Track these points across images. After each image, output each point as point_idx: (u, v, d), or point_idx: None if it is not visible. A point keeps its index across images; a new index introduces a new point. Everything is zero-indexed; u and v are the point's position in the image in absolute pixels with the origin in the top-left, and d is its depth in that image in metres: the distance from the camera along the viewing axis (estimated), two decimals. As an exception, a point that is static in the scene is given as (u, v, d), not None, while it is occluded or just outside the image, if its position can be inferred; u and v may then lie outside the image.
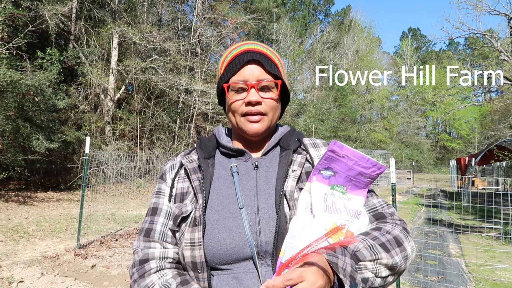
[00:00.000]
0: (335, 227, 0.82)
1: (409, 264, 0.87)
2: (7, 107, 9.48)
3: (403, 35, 58.48)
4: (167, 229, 0.95)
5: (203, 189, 0.92)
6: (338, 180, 0.90)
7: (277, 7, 27.22)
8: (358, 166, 0.88)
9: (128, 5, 16.97)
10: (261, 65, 0.95)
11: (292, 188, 0.90)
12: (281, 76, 0.97)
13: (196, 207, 0.91)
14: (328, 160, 0.88)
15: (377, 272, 0.78)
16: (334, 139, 0.86)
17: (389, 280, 0.82)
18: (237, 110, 0.96)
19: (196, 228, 0.88)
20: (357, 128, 35.24)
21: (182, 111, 18.19)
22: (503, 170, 20.73)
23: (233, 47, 1.02)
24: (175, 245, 0.94)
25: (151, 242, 0.93)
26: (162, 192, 1.00)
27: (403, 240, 0.85)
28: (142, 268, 0.89)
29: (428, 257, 5.91)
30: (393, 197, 3.75)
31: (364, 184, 0.92)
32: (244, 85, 0.94)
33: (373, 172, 0.90)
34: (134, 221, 7.90)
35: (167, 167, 1.04)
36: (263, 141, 1.03)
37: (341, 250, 0.76)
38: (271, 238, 0.85)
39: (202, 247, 0.86)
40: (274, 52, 1.03)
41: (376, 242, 0.81)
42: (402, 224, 0.91)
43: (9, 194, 10.67)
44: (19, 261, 4.82)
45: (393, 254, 0.81)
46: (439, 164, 45.87)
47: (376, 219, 0.92)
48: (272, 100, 0.96)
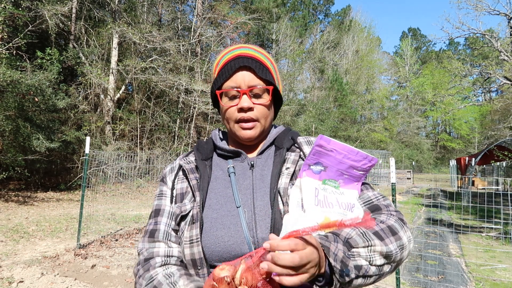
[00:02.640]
0: (327, 221, 0.83)
1: (407, 254, 0.87)
2: (7, 107, 9.48)
3: (403, 35, 58.49)
4: (171, 229, 0.97)
5: (201, 188, 0.95)
6: (329, 175, 0.90)
7: (277, 7, 27.21)
8: (348, 159, 0.88)
9: (128, 5, 16.97)
10: (253, 71, 0.97)
11: (286, 185, 0.92)
12: (273, 80, 0.99)
13: (194, 205, 0.94)
14: (316, 155, 0.89)
15: (371, 259, 0.78)
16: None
17: (385, 269, 0.81)
18: (230, 116, 0.98)
19: (194, 226, 0.91)
20: (357, 128, 35.25)
21: (182, 111, 18.19)
22: (503, 170, 20.73)
23: (226, 51, 1.03)
24: (179, 245, 0.96)
25: (156, 242, 0.95)
26: (164, 194, 1.03)
27: (398, 229, 0.85)
28: (147, 263, 0.92)
29: (428, 257, 5.91)
30: (393, 197, 3.75)
31: (357, 177, 0.92)
32: (236, 92, 0.96)
33: (365, 165, 0.90)
34: (134, 221, 7.90)
35: (167, 170, 1.08)
36: (258, 142, 1.06)
37: (333, 236, 0.77)
38: (267, 234, 0.87)
39: (200, 243, 0.88)
40: (267, 55, 1.04)
41: (369, 230, 0.81)
42: (398, 215, 0.91)
43: (9, 194, 10.67)
44: (19, 261, 4.82)
45: (387, 242, 0.81)
46: (439, 164, 45.88)
47: (372, 211, 0.93)
48: (263, 106, 0.98)
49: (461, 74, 16.13)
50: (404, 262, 0.90)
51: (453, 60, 20.85)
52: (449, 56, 27.91)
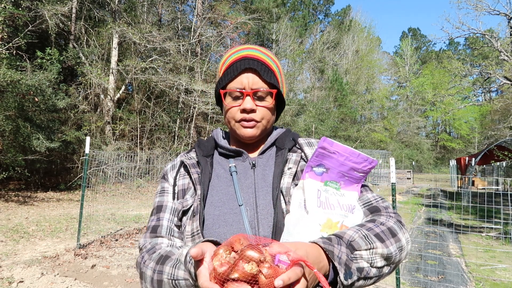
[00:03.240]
0: (329, 223, 0.84)
1: (405, 255, 0.88)
2: (7, 107, 9.47)
3: (403, 35, 58.49)
4: (173, 225, 0.97)
5: (202, 182, 0.96)
6: (331, 176, 0.92)
7: (277, 7, 27.22)
8: (350, 161, 0.90)
9: (128, 5, 16.97)
10: (258, 74, 0.97)
11: (288, 184, 0.94)
12: (277, 84, 1.00)
13: (195, 199, 0.95)
14: (319, 157, 0.91)
15: (372, 262, 0.79)
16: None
17: (384, 271, 0.83)
18: (233, 116, 0.99)
19: (194, 219, 0.92)
20: (357, 128, 35.25)
21: (182, 111, 18.19)
22: (503, 170, 20.73)
23: (233, 51, 1.04)
24: (182, 240, 0.96)
25: (159, 237, 0.95)
26: (166, 190, 1.04)
27: (397, 231, 0.86)
28: (152, 249, 0.91)
29: (428, 257, 5.91)
30: (393, 197, 3.75)
31: (357, 179, 0.94)
32: (240, 93, 0.97)
33: (365, 167, 0.92)
34: (134, 221, 7.90)
35: (168, 167, 1.08)
36: (259, 142, 1.07)
37: (336, 239, 0.78)
38: (269, 232, 0.88)
39: (201, 236, 0.89)
40: (272, 57, 1.05)
41: (370, 233, 0.82)
42: (397, 216, 0.93)
43: (9, 194, 10.67)
44: (19, 261, 4.82)
45: (387, 244, 0.82)
46: (439, 164, 45.88)
47: (371, 212, 0.95)
48: (266, 108, 0.99)
49: (461, 74, 16.14)
50: (403, 262, 0.90)
51: (453, 60, 20.86)
52: (449, 56, 27.91)
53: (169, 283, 0.80)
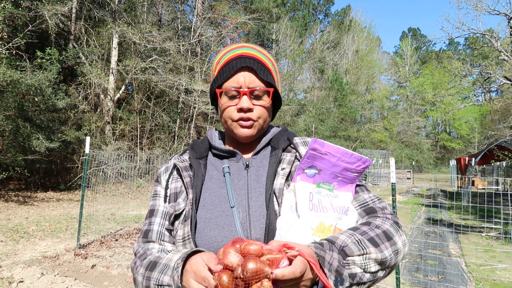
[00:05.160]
0: (322, 227, 0.82)
1: (402, 258, 0.86)
2: (7, 107, 9.47)
3: (403, 35, 58.46)
4: (164, 229, 0.97)
5: (194, 186, 0.95)
6: (323, 178, 0.90)
7: (277, 7, 27.22)
8: (342, 162, 0.88)
9: (128, 5, 16.96)
10: (254, 72, 0.96)
11: (281, 185, 0.92)
12: (274, 82, 0.99)
13: (187, 203, 0.94)
14: (310, 159, 0.89)
15: (366, 267, 0.78)
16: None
17: (379, 275, 0.81)
18: (229, 115, 0.98)
19: (186, 223, 0.91)
20: (357, 128, 35.22)
21: (182, 111, 18.19)
22: (503, 170, 20.73)
23: (228, 49, 1.02)
24: (173, 244, 0.96)
25: (150, 242, 0.95)
26: (158, 194, 1.03)
27: (393, 234, 0.84)
28: (144, 254, 0.93)
29: (428, 257, 5.91)
30: (393, 197, 3.75)
31: (351, 179, 0.92)
32: (236, 93, 0.96)
33: (359, 167, 0.90)
34: (134, 221, 7.90)
35: (162, 169, 1.07)
36: (254, 142, 1.05)
37: (328, 245, 0.77)
38: (262, 235, 0.87)
39: (191, 241, 0.88)
40: (268, 56, 1.03)
41: (364, 237, 0.80)
42: (393, 218, 0.91)
43: (9, 194, 10.67)
44: (19, 261, 4.82)
45: (382, 249, 0.80)
46: (439, 164, 45.86)
47: (367, 213, 0.93)
48: (263, 107, 0.98)
49: (461, 74, 16.13)
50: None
51: (453, 60, 20.84)
52: (449, 56, 27.91)
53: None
